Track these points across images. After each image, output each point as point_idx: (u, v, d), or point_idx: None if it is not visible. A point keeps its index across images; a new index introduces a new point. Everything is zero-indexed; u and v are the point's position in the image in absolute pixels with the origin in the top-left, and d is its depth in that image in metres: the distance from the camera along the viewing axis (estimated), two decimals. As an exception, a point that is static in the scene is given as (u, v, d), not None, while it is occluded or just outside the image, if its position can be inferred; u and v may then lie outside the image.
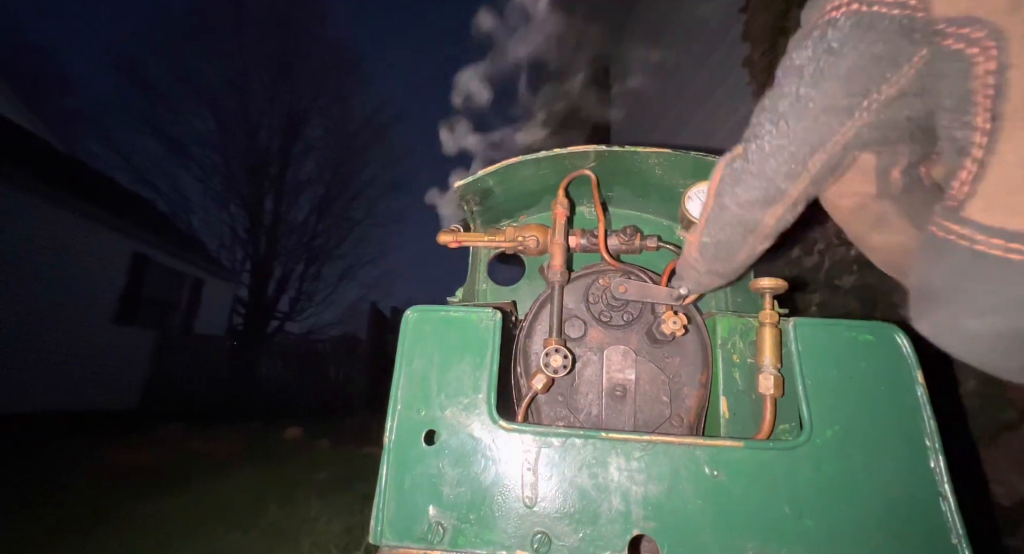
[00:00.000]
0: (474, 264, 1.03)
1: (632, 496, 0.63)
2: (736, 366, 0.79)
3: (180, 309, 11.07)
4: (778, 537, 0.60)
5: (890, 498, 0.61)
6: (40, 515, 2.66)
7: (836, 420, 0.65)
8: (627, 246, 0.91)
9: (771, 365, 0.71)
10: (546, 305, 0.88)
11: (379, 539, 0.63)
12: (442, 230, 0.94)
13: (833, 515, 0.61)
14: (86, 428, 6.04)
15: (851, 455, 0.63)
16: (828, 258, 1.62)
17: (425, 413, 0.68)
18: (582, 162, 0.88)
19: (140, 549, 2.25)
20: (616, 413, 0.81)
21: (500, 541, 0.62)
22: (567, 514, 0.63)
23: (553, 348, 0.75)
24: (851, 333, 0.70)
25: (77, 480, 3.48)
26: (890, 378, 0.67)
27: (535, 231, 0.92)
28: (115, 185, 12.53)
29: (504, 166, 0.85)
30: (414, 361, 0.71)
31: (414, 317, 0.74)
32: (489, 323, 0.73)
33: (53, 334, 8.14)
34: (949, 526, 0.59)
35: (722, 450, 0.64)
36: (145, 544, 2.30)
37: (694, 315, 0.84)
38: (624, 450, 0.65)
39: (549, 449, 0.66)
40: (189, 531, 2.46)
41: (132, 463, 4.11)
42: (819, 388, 0.67)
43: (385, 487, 0.65)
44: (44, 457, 4.19)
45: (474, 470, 0.65)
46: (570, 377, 0.85)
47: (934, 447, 0.63)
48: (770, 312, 0.73)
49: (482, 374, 0.70)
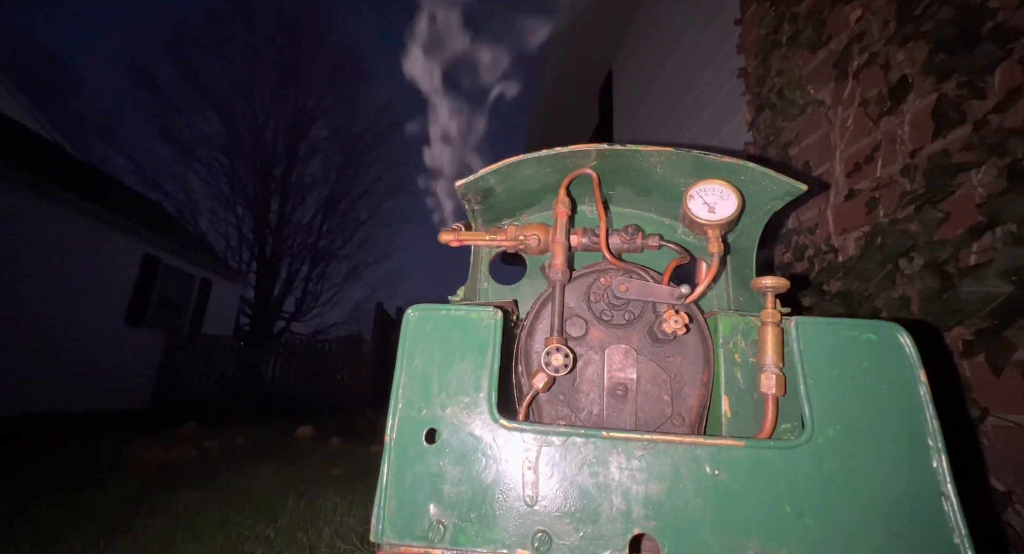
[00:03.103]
0: (475, 263, 1.03)
1: (633, 495, 0.63)
2: (738, 365, 0.78)
3: (189, 310, 11.18)
4: (779, 536, 0.60)
5: (892, 498, 0.61)
6: (88, 507, 2.88)
7: (838, 419, 0.65)
8: (629, 245, 0.90)
9: (773, 364, 0.70)
10: (547, 304, 0.88)
11: (380, 537, 0.63)
12: (444, 229, 0.95)
13: (835, 515, 0.60)
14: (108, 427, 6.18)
15: (853, 454, 0.63)
16: (817, 264, 1.62)
17: (426, 412, 0.69)
18: (583, 161, 0.88)
19: (179, 537, 2.42)
20: (617, 412, 0.81)
21: (501, 540, 0.62)
22: (568, 513, 0.63)
23: (554, 347, 0.75)
24: (853, 332, 0.69)
25: (113, 476, 3.66)
26: (892, 377, 0.66)
27: (536, 230, 0.92)
28: (124, 187, 12.67)
29: (505, 165, 0.85)
30: (415, 360, 0.72)
31: (415, 316, 0.74)
32: (490, 322, 0.73)
33: (69, 335, 8.27)
34: (951, 526, 0.59)
35: (723, 449, 0.64)
36: (183, 532, 2.48)
37: (696, 314, 0.84)
38: (625, 449, 0.65)
39: (550, 448, 0.66)
40: (219, 521, 2.62)
41: (156, 460, 4.29)
42: (821, 387, 0.67)
43: (386, 485, 0.65)
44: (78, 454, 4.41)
45: (475, 469, 0.66)
46: (571, 376, 0.85)
47: (936, 447, 0.62)
48: (772, 311, 0.72)
49: (483, 373, 0.70)
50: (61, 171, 8.94)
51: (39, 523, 2.58)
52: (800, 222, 1.76)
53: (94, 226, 8.70)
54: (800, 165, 1.76)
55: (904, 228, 1.28)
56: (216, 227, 17.96)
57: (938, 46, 1.26)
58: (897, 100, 1.38)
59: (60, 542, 2.34)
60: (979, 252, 1.12)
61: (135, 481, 3.53)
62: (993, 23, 1.15)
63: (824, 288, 1.55)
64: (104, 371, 8.93)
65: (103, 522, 2.60)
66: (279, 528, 2.49)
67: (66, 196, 8.03)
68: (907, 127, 1.36)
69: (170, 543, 2.33)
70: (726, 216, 0.80)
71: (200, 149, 17.93)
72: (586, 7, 4.25)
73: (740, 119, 2.32)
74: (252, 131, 18.13)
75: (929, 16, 1.29)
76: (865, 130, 1.50)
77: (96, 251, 8.75)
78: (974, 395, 1.11)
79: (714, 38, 2.82)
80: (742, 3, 2.34)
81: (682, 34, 3.34)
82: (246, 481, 3.54)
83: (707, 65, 2.91)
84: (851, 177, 1.53)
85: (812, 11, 1.76)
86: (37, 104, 11.03)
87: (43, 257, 7.79)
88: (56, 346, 8.06)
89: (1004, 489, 1.05)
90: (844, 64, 1.59)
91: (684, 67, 3.27)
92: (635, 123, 4.18)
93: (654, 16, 3.97)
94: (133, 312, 9.55)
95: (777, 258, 1.85)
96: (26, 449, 4.56)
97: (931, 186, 1.23)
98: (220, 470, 3.90)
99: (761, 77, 2.03)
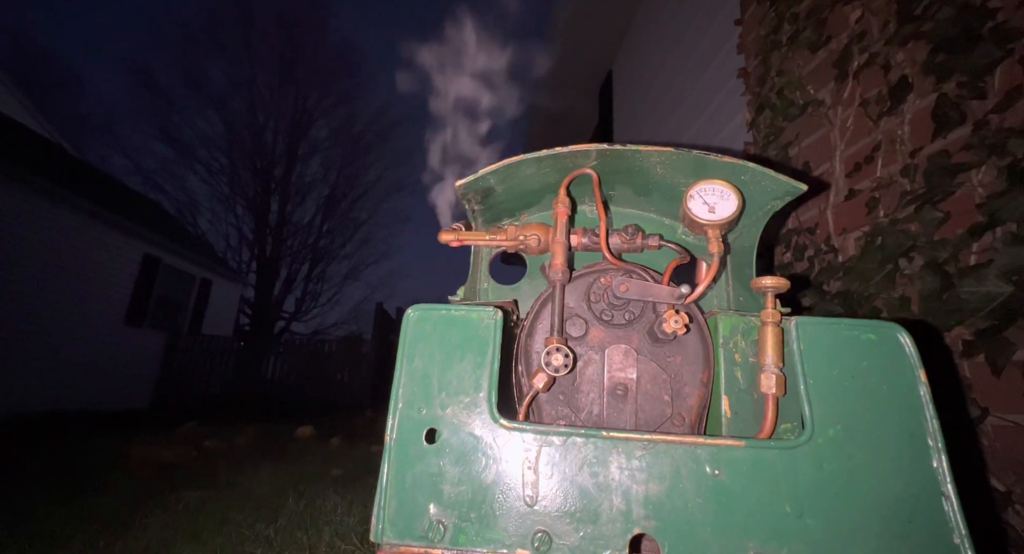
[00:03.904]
0: (475, 263, 1.03)
1: (633, 495, 0.63)
2: (738, 365, 0.78)
3: (189, 310, 11.18)
4: (779, 536, 0.60)
5: (892, 498, 0.61)
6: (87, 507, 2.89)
7: (838, 419, 0.65)
8: (629, 245, 0.90)
9: (773, 364, 0.70)
10: (547, 304, 0.88)
11: (380, 537, 0.63)
12: (444, 229, 0.95)
13: (835, 515, 0.60)
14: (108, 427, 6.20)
15: (853, 454, 0.63)
16: (817, 264, 1.62)
17: (426, 412, 0.69)
18: (583, 161, 0.88)
19: (179, 537, 2.43)
20: (617, 412, 0.81)
21: (501, 539, 0.62)
22: (568, 513, 0.63)
23: (554, 347, 0.75)
24: (853, 332, 0.69)
25: (113, 476, 3.68)
26: (892, 377, 0.66)
27: (536, 230, 0.92)
28: (124, 187, 12.68)
29: (505, 165, 0.85)
30: (415, 360, 0.72)
31: (415, 316, 0.74)
32: (490, 322, 0.73)
33: (69, 335, 8.27)
34: (951, 526, 0.59)
35: (723, 449, 0.64)
36: (183, 532, 2.49)
37: (696, 314, 0.84)
38: (625, 449, 0.65)
39: (550, 448, 0.66)
40: (219, 521, 2.63)
41: (157, 460, 4.30)
42: (821, 387, 0.67)
43: (386, 485, 0.65)
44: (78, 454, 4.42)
45: (475, 469, 0.66)
46: (571, 376, 0.85)
47: (936, 446, 0.62)
48: (772, 311, 0.72)
49: (483, 373, 0.70)
50: (61, 171, 8.94)
51: (39, 523, 2.59)
52: (800, 222, 1.76)
53: (94, 226, 8.70)
54: (800, 165, 1.76)
55: (904, 228, 1.28)
56: (216, 227, 18.00)
57: (938, 46, 1.26)
58: (897, 100, 1.38)
59: (60, 542, 2.34)
60: (979, 252, 1.12)
61: (135, 481, 3.54)
62: (993, 23, 1.15)
63: (824, 288, 1.55)
64: (104, 371, 8.93)
65: (103, 522, 2.61)
66: (279, 528, 2.50)
67: (66, 196, 8.03)
68: (907, 127, 1.36)
69: (170, 543, 2.33)
70: (726, 216, 0.80)
71: (200, 149, 17.96)
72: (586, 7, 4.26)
73: (740, 119, 2.32)
74: (252, 131, 18.15)
75: (929, 16, 1.29)
76: (865, 130, 1.50)
77: (96, 251, 8.76)
78: (974, 395, 1.11)
79: (714, 38, 2.83)
80: (742, 3, 2.34)
81: (682, 34, 3.34)
82: (246, 481, 3.54)
83: (707, 65, 2.92)
84: (851, 177, 1.53)
85: (812, 11, 1.76)
86: (37, 104, 11.03)
87: (43, 257, 7.80)
88: (56, 346, 8.06)
89: (1004, 489, 1.05)
90: (844, 64, 1.59)
91: (684, 67, 3.27)
92: (635, 123, 4.18)
93: (654, 16, 3.98)
94: (133, 312, 9.56)
95: (777, 258, 1.85)
96: (26, 449, 4.57)
97: (931, 186, 1.23)
98: (220, 470, 3.90)
99: (761, 77, 2.03)
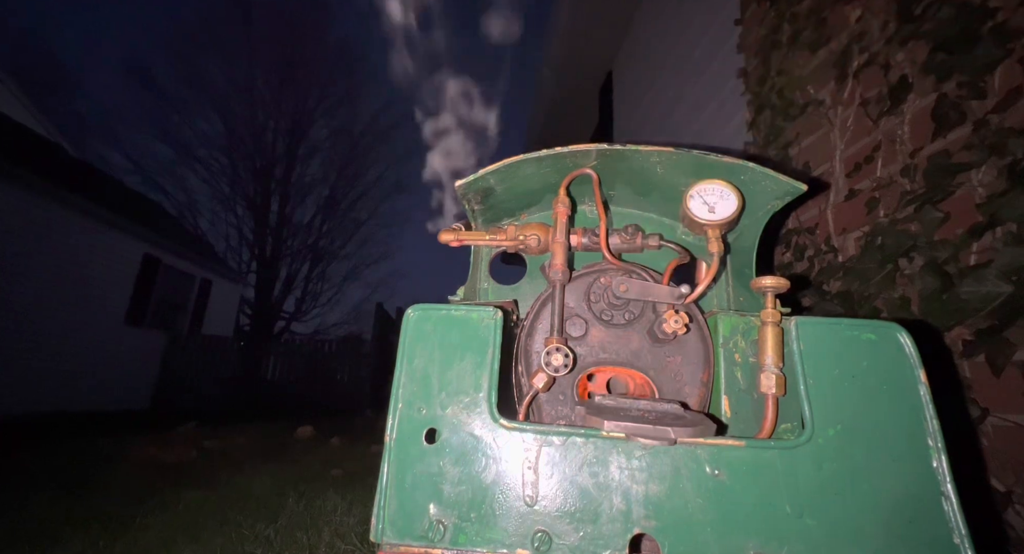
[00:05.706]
0: (475, 263, 1.03)
1: (633, 495, 0.63)
2: (738, 365, 0.78)
3: (189, 310, 11.18)
4: (779, 536, 0.60)
5: (892, 498, 0.61)
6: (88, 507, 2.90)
7: (838, 419, 0.65)
8: (629, 245, 0.90)
9: (773, 364, 0.70)
10: (547, 304, 0.88)
11: (380, 537, 0.63)
12: (444, 229, 0.95)
13: (834, 515, 0.60)
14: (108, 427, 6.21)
15: (853, 455, 0.63)
16: (817, 264, 1.62)
17: (426, 412, 0.69)
18: (583, 161, 0.88)
19: (179, 537, 2.44)
20: (617, 412, 0.81)
21: (501, 539, 0.62)
22: (568, 513, 0.63)
23: (554, 347, 0.75)
24: (853, 332, 0.69)
25: (113, 476, 3.70)
26: (892, 377, 0.66)
27: (536, 230, 0.92)
28: (124, 187, 12.68)
29: (505, 165, 0.85)
30: (415, 360, 0.72)
31: (415, 316, 0.74)
32: (490, 322, 0.73)
33: (69, 335, 8.27)
34: (951, 526, 0.59)
35: (723, 449, 0.64)
36: (183, 532, 2.50)
37: (696, 314, 0.84)
38: (625, 449, 0.65)
39: (550, 448, 0.66)
40: (219, 521, 2.64)
41: (157, 459, 4.32)
42: (821, 387, 0.67)
43: (386, 485, 0.65)
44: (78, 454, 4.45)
45: (475, 469, 0.66)
46: (571, 376, 0.85)
47: (936, 447, 0.62)
48: (772, 311, 0.72)
49: (483, 373, 0.70)
50: (61, 171, 8.94)
51: (39, 523, 2.59)
52: (800, 222, 1.76)
53: (94, 226, 8.70)
54: (800, 165, 1.76)
55: (904, 228, 1.28)
56: (216, 227, 17.99)
57: (938, 46, 1.26)
58: (897, 100, 1.38)
59: (60, 542, 2.34)
60: (979, 252, 1.12)
61: (135, 481, 3.55)
62: (993, 23, 1.15)
63: (824, 288, 1.55)
64: (104, 371, 8.93)
65: (103, 522, 2.62)
66: (279, 528, 2.51)
67: (66, 196, 8.04)
68: (907, 127, 1.36)
69: (170, 543, 2.34)
70: (726, 216, 0.80)
71: (200, 149, 17.96)
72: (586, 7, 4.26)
73: (740, 119, 2.32)
74: (252, 131, 18.15)
75: (929, 16, 1.29)
76: (865, 130, 1.50)
77: (96, 251, 8.76)
78: (974, 395, 1.11)
79: (714, 38, 2.83)
80: (742, 3, 2.34)
81: (682, 34, 3.34)
82: (246, 481, 3.55)
83: (707, 65, 2.92)
84: (851, 177, 1.53)
85: (812, 11, 1.76)
86: (37, 104, 11.03)
87: (43, 257, 7.79)
88: (56, 346, 8.06)
89: (1004, 489, 1.05)
90: (844, 64, 1.59)
91: (684, 67, 3.27)
92: (635, 123, 4.18)
93: (654, 16, 3.98)
94: (133, 312, 9.56)
95: (777, 258, 1.85)
96: (26, 449, 4.58)
97: (931, 186, 1.23)
98: (220, 470, 3.91)
99: (761, 77, 2.03)
